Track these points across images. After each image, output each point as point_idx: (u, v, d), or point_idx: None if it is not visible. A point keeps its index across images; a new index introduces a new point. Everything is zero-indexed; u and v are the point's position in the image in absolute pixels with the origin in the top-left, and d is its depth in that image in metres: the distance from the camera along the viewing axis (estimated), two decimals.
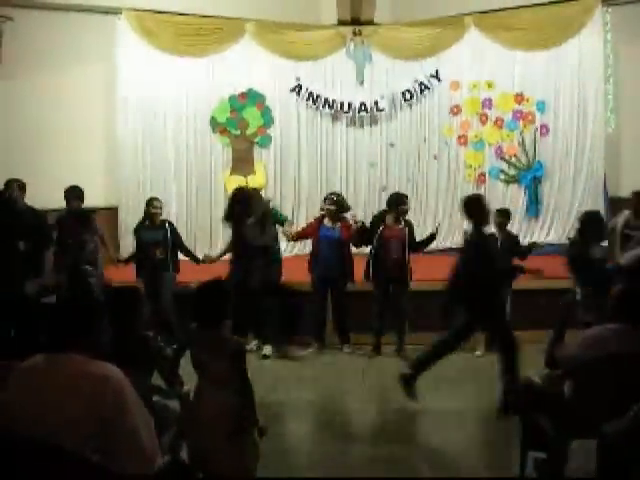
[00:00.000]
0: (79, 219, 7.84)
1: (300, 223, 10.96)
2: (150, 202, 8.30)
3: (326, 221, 8.14)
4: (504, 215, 8.02)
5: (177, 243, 8.27)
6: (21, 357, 3.28)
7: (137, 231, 8.32)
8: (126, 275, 8.25)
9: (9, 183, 7.63)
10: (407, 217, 8.15)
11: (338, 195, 8.44)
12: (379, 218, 8.06)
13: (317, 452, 5.47)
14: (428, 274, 8.35)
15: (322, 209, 8.33)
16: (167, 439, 3.95)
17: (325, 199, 8.35)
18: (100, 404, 2.80)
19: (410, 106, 11.58)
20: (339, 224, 8.08)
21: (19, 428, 2.83)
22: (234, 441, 3.83)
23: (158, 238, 8.07)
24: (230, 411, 3.87)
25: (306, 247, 9.51)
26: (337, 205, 8.10)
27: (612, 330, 4.01)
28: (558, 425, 4.22)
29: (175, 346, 4.58)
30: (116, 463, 2.81)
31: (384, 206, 8.32)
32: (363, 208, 11.24)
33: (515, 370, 5.93)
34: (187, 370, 4.29)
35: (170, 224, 8.37)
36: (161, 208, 8.36)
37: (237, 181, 11.20)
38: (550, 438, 4.29)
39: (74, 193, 8.03)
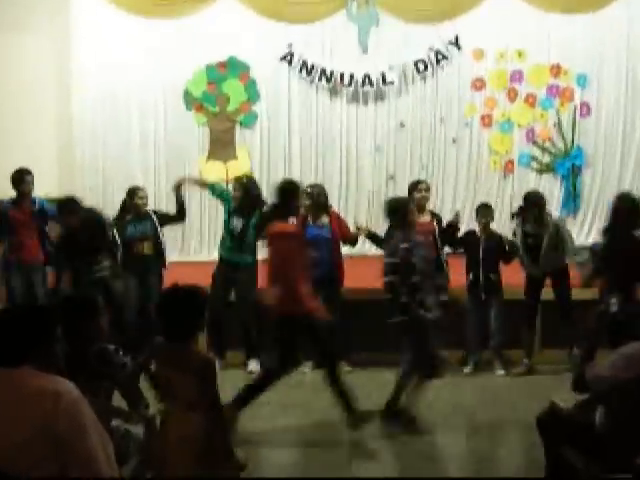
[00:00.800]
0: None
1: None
2: (134, 192, 8.52)
3: (310, 219, 8.26)
4: (488, 213, 8.36)
5: (163, 224, 8.61)
6: None
7: (119, 226, 8.44)
8: None
9: None
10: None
11: (313, 187, 8.48)
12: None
13: None
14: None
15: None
16: (128, 470, 4.12)
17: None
18: (52, 424, 2.95)
19: (424, 79, 11.78)
20: (326, 219, 8.27)
21: None
22: (205, 473, 4.00)
23: (145, 232, 8.36)
24: (200, 438, 4.03)
25: None
26: (312, 199, 8.17)
27: None
28: (588, 459, 4.40)
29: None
30: None
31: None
32: (367, 200, 11.43)
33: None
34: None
35: (155, 213, 8.66)
36: (147, 198, 8.63)
37: (215, 168, 11.45)
38: (580, 474, 4.47)
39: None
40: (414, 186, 8.40)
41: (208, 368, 4.19)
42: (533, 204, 8.13)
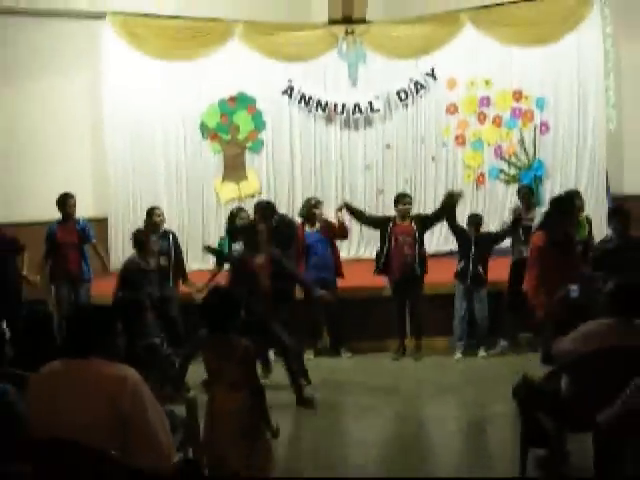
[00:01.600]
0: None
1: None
2: (152, 211, 8.72)
3: (307, 227, 8.63)
4: (478, 220, 8.61)
5: (178, 253, 8.70)
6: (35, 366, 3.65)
7: None
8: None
9: None
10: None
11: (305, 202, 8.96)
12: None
13: None
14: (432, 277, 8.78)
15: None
16: (176, 442, 4.32)
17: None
18: (120, 403, 3.14)
19: (406, 106, 11.97)
20: (317, 225, 8.57)
21: (43, 430, 3.19)
22: (248, 442, 4.21)
23: (163, 247, 8.42)
24: (243, 413, 4.24)
25: None
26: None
27: (606, 324, 4.39)
28: (557, 421, 4.59)
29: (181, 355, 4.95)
30: (135, 459, 3.17)
31: (382, 210, 8.79)
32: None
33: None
34: (193, 377, 4.66)
35: (173, 234, 8.79)
36: (163, 215, 8.81)
37: (229, 188, 11.64)
38: (550, 434, 4.66)
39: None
40: (398, 199, 8.68)
41: (248, 354, 4.39)
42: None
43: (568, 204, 7.66)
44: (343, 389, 7.47)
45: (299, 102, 11.85)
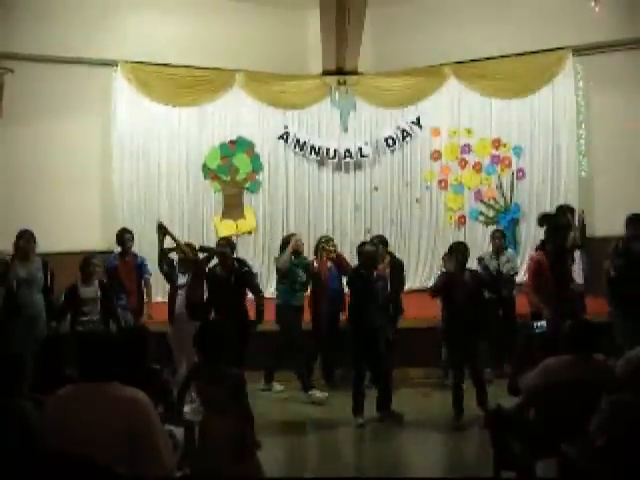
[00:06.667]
0: None
1: None
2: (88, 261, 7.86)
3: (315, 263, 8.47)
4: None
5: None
6: (46, 390, 3.78)
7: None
8: None
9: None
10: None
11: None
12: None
13: None
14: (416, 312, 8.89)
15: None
16: (174, 461, 4.45)
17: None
18: (133, 422, 3.28)
19: (393, 152, 12.24)
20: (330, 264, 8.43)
21: (56, 447, 3.31)
22: (239, 462, 4.33)
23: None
24: (234, 435, 4.37)
25: None
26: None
27: (565, 360, 4.56)
28: (524, 446, 4.72)
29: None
30: (140, 474, 3.30)
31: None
32: (349, 249, 11.73)
33: None
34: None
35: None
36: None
37: (228, 225, 11.82)
38: (518, 458, 4.79)
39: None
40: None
41: (239, 381, 4.52)
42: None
43: (561, 219, 7.74)
44: None
45: (294, 146, 12.10)
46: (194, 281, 7.62)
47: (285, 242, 8.41)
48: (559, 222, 7.63)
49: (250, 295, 7.91)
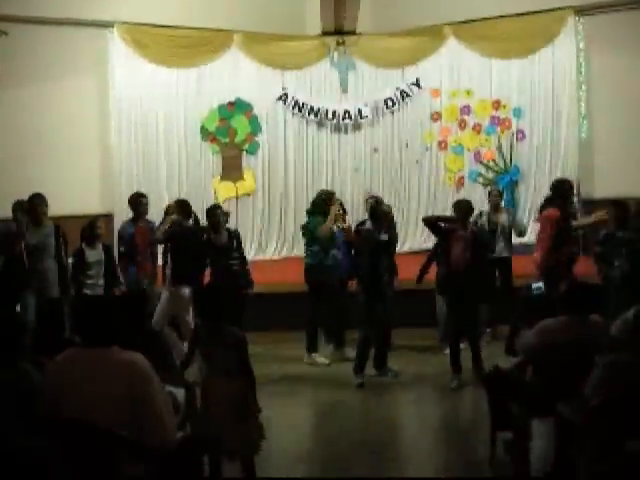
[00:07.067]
0: None
1: (288, 227, 11.63)
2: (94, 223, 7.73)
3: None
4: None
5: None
6: (47, 353, 3.80)
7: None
8: None
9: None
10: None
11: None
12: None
13: None
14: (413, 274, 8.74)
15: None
16: (175, 422, 4.48)
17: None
18: (131, 386, 3.28)
19: (392, 113, 12.16)
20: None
21: (60, 410, 3.33)
22: (241, 422, 4.37)
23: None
24: (236, 396, 4.40)
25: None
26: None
27: (562, 321, 4.59)
28: (521, 406, 4.77)
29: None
30: (142, 437, 3.31)
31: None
32: (349, 211, 11.73)
33: None
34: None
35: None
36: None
37: (227, 187, 11.78)
38: (515, 418, 4.85)
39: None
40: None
41: (241, 342, 4.53)
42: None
43: (568, 188, 7.72)
44: None
45: (293, 108, 12.01)
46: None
47: (318, 203, 8.01)
48: (565, 190, 7.60)
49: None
